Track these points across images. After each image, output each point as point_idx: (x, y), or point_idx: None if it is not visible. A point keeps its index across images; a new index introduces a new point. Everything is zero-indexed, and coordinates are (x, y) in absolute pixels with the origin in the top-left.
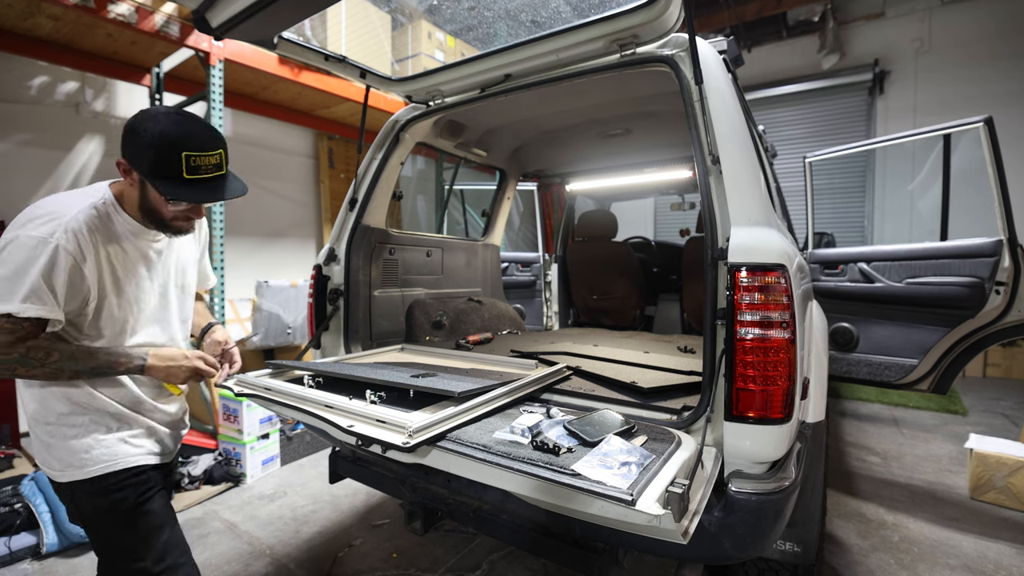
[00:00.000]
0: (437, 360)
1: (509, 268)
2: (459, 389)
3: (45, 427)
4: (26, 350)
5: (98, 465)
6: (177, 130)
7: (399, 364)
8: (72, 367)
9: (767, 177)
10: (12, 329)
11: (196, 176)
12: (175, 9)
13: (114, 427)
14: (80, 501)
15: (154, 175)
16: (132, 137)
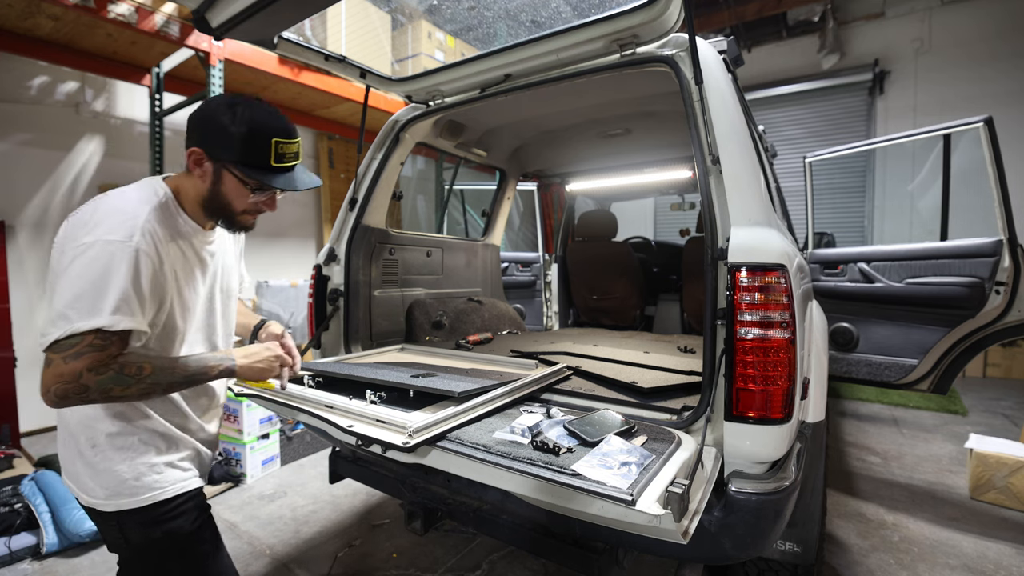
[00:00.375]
0: (437, 360)
1: (509, 268)
2: (459, 389)
3: (92, 450)
4: (119, 367)
5: (151, 492)
6: (265, 117)
7: (399, 364)
8: (168, 379)
9: (767, 177)
10: (102, 345)
11: (282, 164)
12: (175, 9)
13: (163, 448)
14: (129, 531)
15: (243, 162)
16: (214, 124)
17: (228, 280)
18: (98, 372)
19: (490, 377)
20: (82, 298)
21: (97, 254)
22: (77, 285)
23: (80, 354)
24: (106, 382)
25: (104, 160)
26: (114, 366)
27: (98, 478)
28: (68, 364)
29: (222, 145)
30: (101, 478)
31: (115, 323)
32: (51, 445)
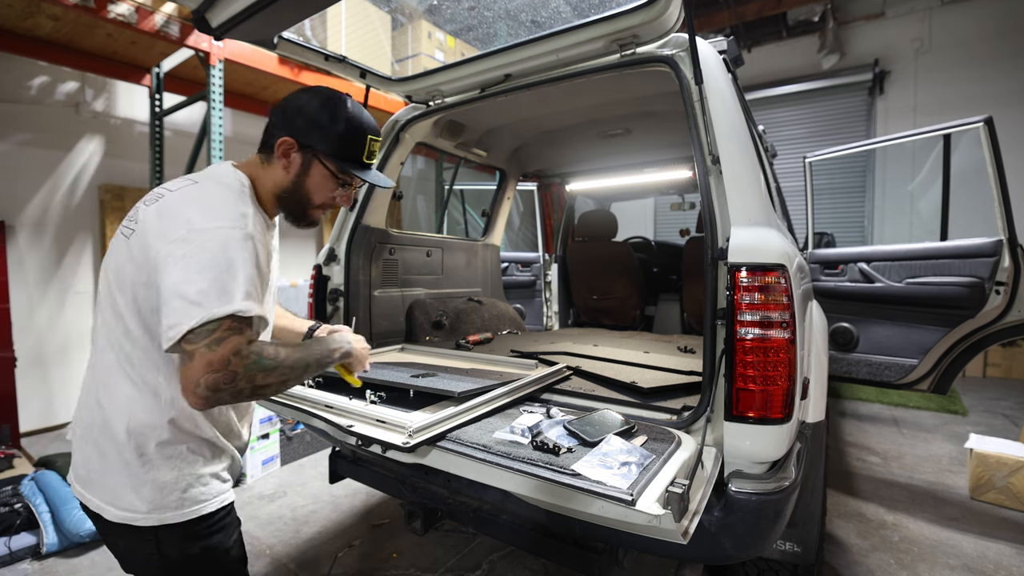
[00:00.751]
0: (437, 360)
1: (509, 268)
2: (459, 389)
3: (139, 460)
4: (259, 353)
5: (196, 505)
6: (360, 113)
7: (399, 364)
8: (302, 364)
9: (767, 177)
10: (239, 328)
11: (370, 161)
12: (175, 9)
13: (209, 457)
14: (166, 547)
15: (338, 155)
16: (310, 115)
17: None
18: (243, 357)
19: (490, 377)
20: (211, 285)
21: (217, 242)
22: (203, 273)
23: (222, 339)
24: (252, 367)
25: (104, 160)
26: (255, 350)
27: (141, 490)
28: (214, 351)
29: (318, 136)
30: (145, 490)
31: (248, 308)
32: (51, 445)
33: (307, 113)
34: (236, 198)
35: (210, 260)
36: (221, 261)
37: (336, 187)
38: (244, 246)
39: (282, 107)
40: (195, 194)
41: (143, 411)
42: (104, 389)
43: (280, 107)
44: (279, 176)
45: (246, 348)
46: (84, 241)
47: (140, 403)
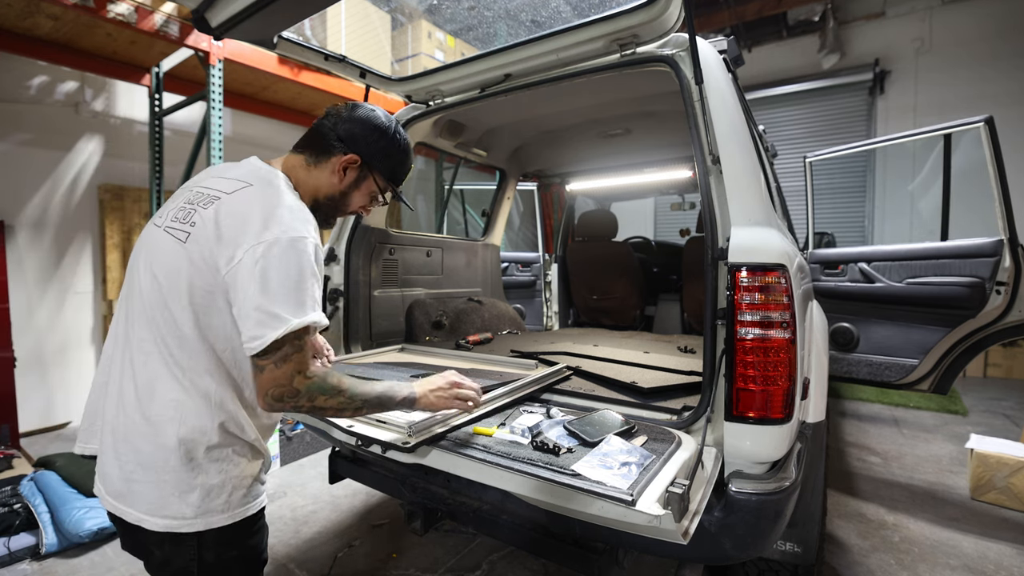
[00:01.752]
0: (437, 360)
1: (509, 268)
2: None
3: (188, 464)
4: (323, 377)
5: (242, 507)
6: (408, 145)
7: (399, 364)
8: (360, 399)
9: (767, 177)
10: (300, 346)
11: (397, 186)
12: (175, 9)
13: (250, 458)
14: (206, 551)
15: (390, 177)
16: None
17: None
18: (305, 376)
19: (490, 377)
20: (288, 297)
21: (289, 252)
22: (280, 285)
23: (287, 357)
24: (314, 388)
25: (104, 160)
26: (319, 374)
27: (189, 496)
28: (280, 368)
29: (382, 157)
30: (193, 496)
31: (319, 320)
32: (50, 445)
33: (373, 135)
34: (298, 204)
35: (284, 272)
36: (293, 272)
37: (373, 200)
38: (311, 255)
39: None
40: (255, 198)
41: (194, 416)
42: (150, 396)
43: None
44: (326, 182)
45: (309, 368)
46: (83, 241)
47: (191, 408)
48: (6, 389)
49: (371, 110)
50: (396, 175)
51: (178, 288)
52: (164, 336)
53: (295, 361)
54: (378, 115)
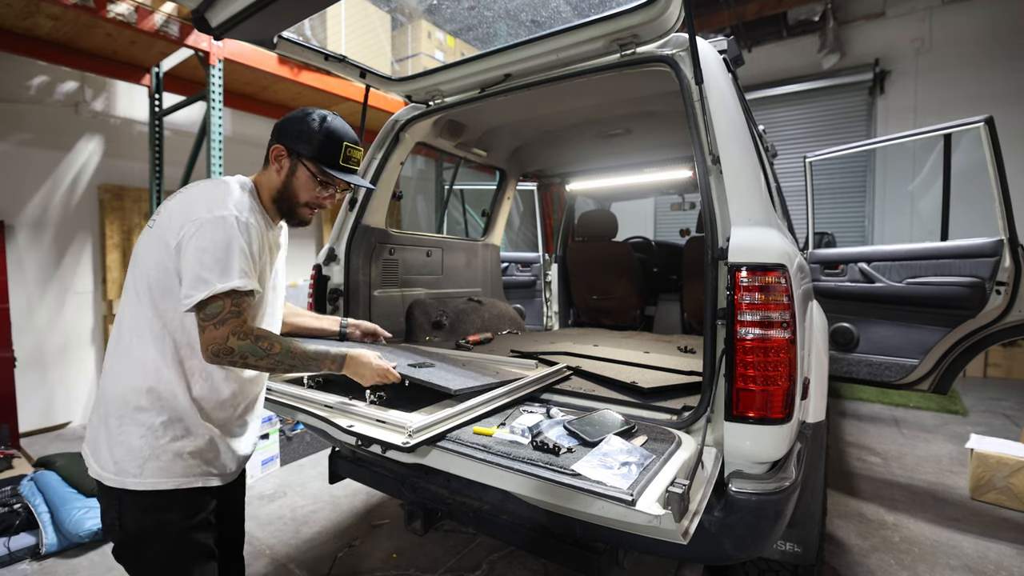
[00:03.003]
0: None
1: (509, 268)
2: (456, 386)
3: (117, 420)
4: (255, 338)
5: (153, 478)
6: (340, 125)
7: (398, 348)
8: (289, 361)
9: (767, 177)
10: (238, 311)
11: (347, 165)
12: (175, 9)
13: (180, 435)
14: (126, 512)
15: (317, 158)
16: (300, 125)
17: (282, 279)
18: (240, 337)
19: (488, 373)
20: (214, 264)
21: (218, 227)
22: (207, 253)
23: (224, 320)
24: (245, 348)
25: (104, 160)
26: (251, 335)
27: (113, 450)
28: (218, 329)
29: (303, 143)
30: (116, 451)
31: (245, 284)
32: (50, 445)
33: (295, 124)
34: (238, 193)
35: (212, 243)
36: (220, 244)
37: (318, 187)
38: (240, 230)
39: (279, 122)
40: (202, 189)
41: (131, 376)
42: (107, 359)
43: (278, 123)
44: (274, 179)
45: (243, 330)
46: (83, 241)
47: (127, 369)
48: (6, 389)
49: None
50: (324, 156)
51: (144, 265)
52: (125, 307)
53: (231, 324)
54: (305, 109)
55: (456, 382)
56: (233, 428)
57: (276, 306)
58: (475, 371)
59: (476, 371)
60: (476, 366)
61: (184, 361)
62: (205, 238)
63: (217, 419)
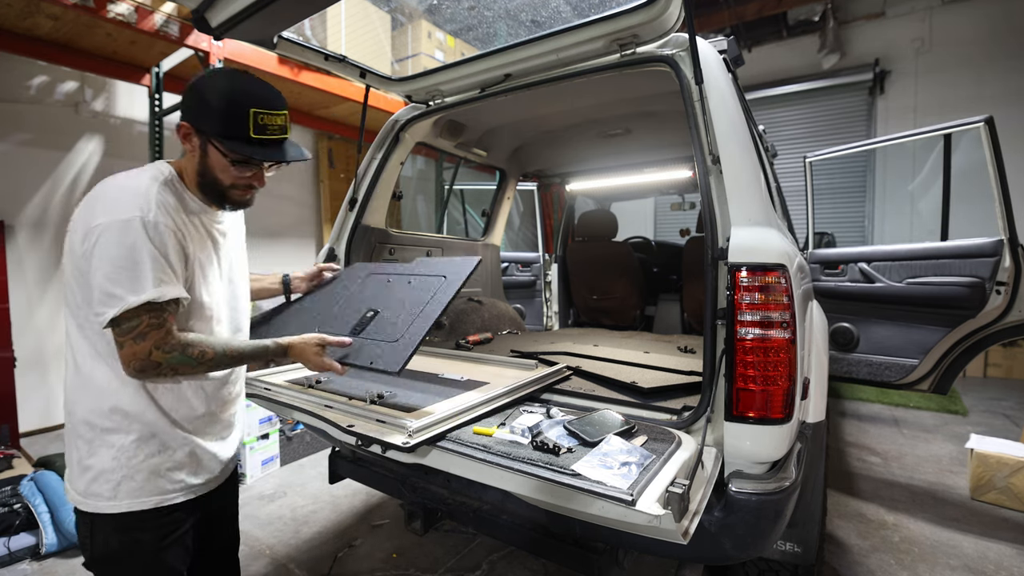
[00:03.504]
0: (437, 360)
1: (509, 268)
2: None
3: (87, 444)
4: (183, 347)
5: (129, 500)
6: (246, 87)
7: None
8: (227, 363)
9: (767, 177)
10: (158, 323)
11: (263, 136)
12: (175, 9)
13: (155, 452)
14: (97, 532)
15: (222, 134)
16: (197, 95)
17: (241, 262)
18: (165, 351)
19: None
20: (122, 275)
21: (121, 232)
22: (112, 264)
23: (143, 335)
24: (174, 360)
25: (104, 160)
26: (178, 347)
27: (85, 475)
28: (138, 345)
29: (203, 117)
30: (87, 475)
31: (162, 294)
32: (50, 445)
33: (194, 94)
34: (144, 186)
35: (117, 253)
36: (126, 252)
37: (234, 167)
38: (147, 234)
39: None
40: (104, 188)
41: (89, 398)
42: (65, 381)
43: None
44: (192, 161)
45: (168, 343)
46: None
47: (85, 392)
48: (6, 389)
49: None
50: (230, 130)
51: (68, 279)
52: (70, 325)
53: (152, 338)
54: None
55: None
56: (214, 433)
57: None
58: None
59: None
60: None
61: None
62: (109, 247)
63: (194, 427)
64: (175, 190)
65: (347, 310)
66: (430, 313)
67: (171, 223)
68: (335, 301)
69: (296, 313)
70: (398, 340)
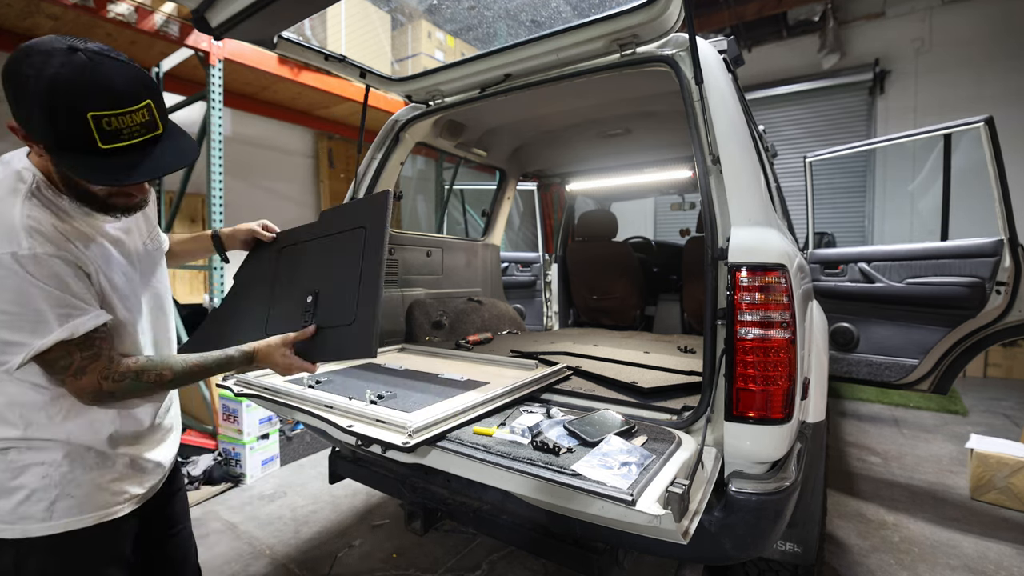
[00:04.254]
0: (437, 360)
1: (509, 268)
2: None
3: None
4: (135, 375)
5: (63, 520)
6: (73, 77)
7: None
8: (189, 380)
9: (767, 177)
10: (92, 354)
11: (116, 144)
12: (175, 9)
13: (93, 465)
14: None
15: (58, 147)
16: (13, 91)
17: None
18: (114, 380)
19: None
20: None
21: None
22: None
23: (82, 370)
24: (126, 389)
25: None
26: (129, 374)
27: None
28: (81, 380)
29: (30, 123)
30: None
31: (74, 330)
32: None
33: (11, 90)
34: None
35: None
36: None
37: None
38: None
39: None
40: None
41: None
42: None
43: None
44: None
45: (115, 372)
46: None
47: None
48: None
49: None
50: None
51: None
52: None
53: (95, 371)
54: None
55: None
56: (158, 439)
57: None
58: (475, 376)
59: (476, 376)
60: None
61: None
62: None
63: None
64: (45, 200)
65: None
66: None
67: (50, 248)
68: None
69: (240, 316)
70: (353, 322)
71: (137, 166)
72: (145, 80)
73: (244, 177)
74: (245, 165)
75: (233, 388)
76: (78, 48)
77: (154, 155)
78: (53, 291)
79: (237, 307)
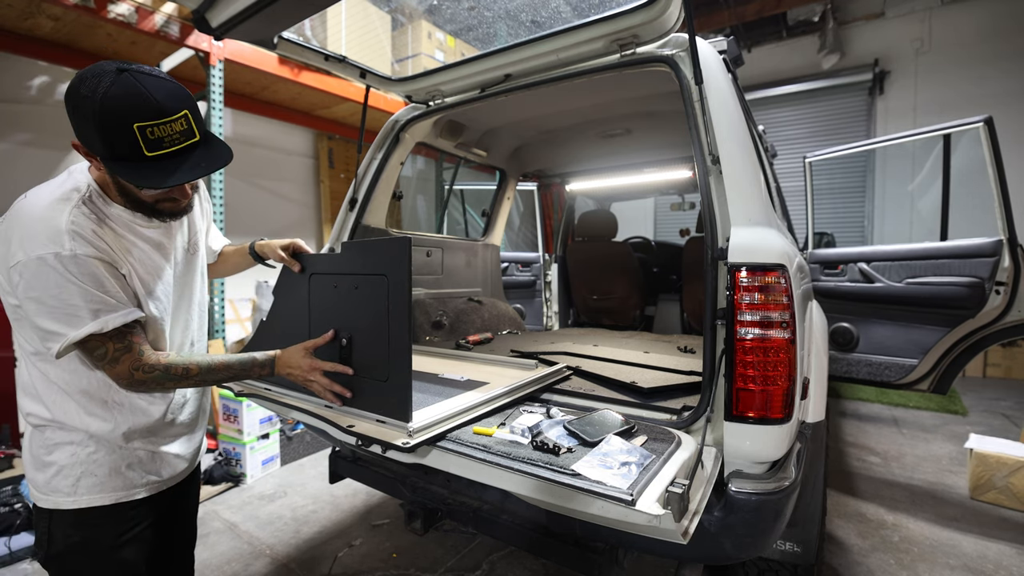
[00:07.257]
0: (437, 360)
1: (509, 268)
2: None
3: (42, 441)
4: (165, 368)
5: (86, 496)
6: (121, 93)
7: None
8: (212, 378)
9: (767, 177)
10: (124, 346)
11: (160, 151)
12: (175, 9)
13: (113, 449)
14: (55, 528)
15: (111, 157)
16: (73, 110)
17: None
18: (145, 371)
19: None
20: (55, 313)
21: (39, 273)
22: (41, 303)
23: (116, 359)
24: (157, 379)
25: None
26: (159, 367)
27: (45, 470)
28: (114, 368)
29: (88, 138)
30: (48, 471)
31: (103, 325)
32: None
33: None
34: (53, 215)
35: (42, 293)
36: (51, 290)
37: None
38: (65, 270)
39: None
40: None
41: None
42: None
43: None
44: (107, 177)
45: (146, 364)
46: None
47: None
48: (6, 389)
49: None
50: (118, 153)
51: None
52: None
53: (126, 361)
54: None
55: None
56: (174, 434)
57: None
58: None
59: (475, 376)
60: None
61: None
62: (34, 288)
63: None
64: (93, 208)
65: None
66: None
67: (91, 250)
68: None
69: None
70: (387, 381)
71: (177, 169)
72: (182, 93)
73: (244, 177)
74: (245, 165)
75: (233, 388)
76: (125, 69)
77: (192, 159)
78: (89, 289)
79: (283, 320)
